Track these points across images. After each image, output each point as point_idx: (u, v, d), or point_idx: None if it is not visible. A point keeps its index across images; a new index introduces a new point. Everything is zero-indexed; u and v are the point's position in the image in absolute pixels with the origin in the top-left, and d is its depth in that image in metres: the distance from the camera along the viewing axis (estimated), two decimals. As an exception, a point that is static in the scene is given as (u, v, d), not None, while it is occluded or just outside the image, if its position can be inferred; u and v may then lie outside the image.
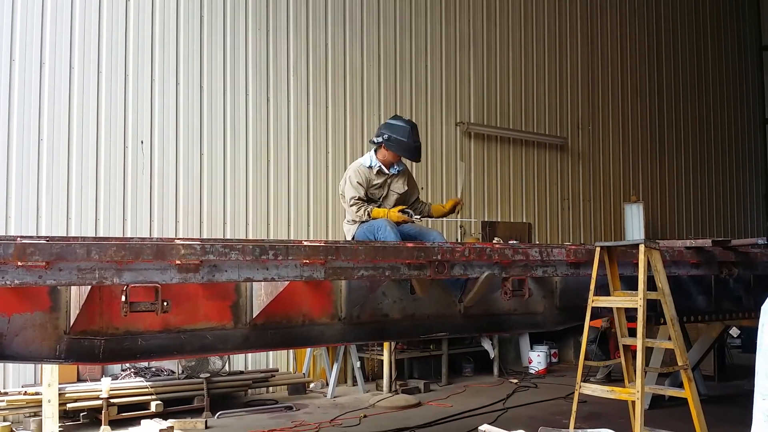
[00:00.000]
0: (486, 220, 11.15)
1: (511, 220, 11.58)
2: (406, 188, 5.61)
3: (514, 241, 10.73)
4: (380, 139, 5.51)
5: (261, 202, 8.93)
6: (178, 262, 3.36)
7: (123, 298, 3.33)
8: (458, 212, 5.61)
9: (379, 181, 5.52)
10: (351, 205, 5.38)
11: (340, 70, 9.79)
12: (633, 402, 4.40)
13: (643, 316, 4.38)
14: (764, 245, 5.89)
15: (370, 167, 5.55)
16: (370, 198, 5.55)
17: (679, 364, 4.56)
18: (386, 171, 5.52)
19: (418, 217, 5.35)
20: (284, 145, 9.20)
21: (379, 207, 5.45)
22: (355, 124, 9.88)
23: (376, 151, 5.65)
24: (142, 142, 8.16)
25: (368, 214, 5.28)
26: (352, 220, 5.49)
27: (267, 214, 8.97)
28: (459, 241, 10.69)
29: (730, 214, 16.10)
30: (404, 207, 5.41)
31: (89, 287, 3.49)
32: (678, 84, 15.02)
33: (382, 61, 10.23)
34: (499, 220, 11.37)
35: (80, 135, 7.79)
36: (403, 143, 5.47)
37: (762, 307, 2.06)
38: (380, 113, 10.09)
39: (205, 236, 8.37)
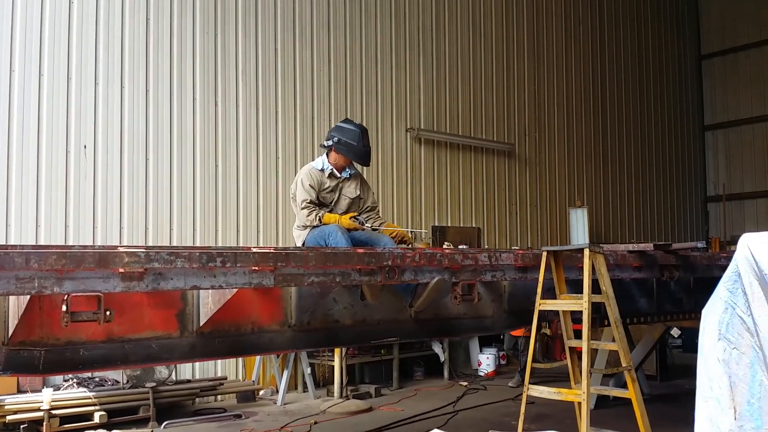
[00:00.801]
0: (436, 224, 11.24)
1: (461, 225, 11.70)
2: (358, 192, 5.59)
3: (464, 246, 10.85)
4: (330, 143, 5.49)
5: (209, 207, 8.80)
6: (121, 270, 3.27)
7: (64, 308, 3.22)
8: (408, 242, 5.60)
9: (331, 184, 5.49)
10: (302, 209, 5.33)
11: (290, 74, 9.74)
12: (579, 403, 4.48)
13: (587, 319, 4.48)
14: (703, 249, 6.09)
15: (322, 170, 5.51)
16: (321, 202, 5.51)
17: (623, 365, 4.68)
18: (338, 174, 5.50)
19: (369, 225, 5.33)
20: (233, 150, 9.09)
21: (330, 212, 5.43)
22: (306, 128, 9.84)
23: (327, 154, 5.62)
24: (85, 147, 7.95)
25: (319, 219, 5.24)
26: (303, 225, 5.44)
27: (215, 220, 8.84)
28: (409, 244, 10.74)
29: (671, 218, 16.63)
30: (355, 214, 5.39)
31: (28, 296, 3.37)
32: (621, 92, 15.45)
33: (333, 65, 10.22)
34: (449, 224, 11.47)
35: (20, 139, 7.54)
36: (353, 147, 5.46)
37: (702, 312, 2.13)
38: (330, 117, 10.06)
39: (151, 243, 8.20)
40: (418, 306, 4.67)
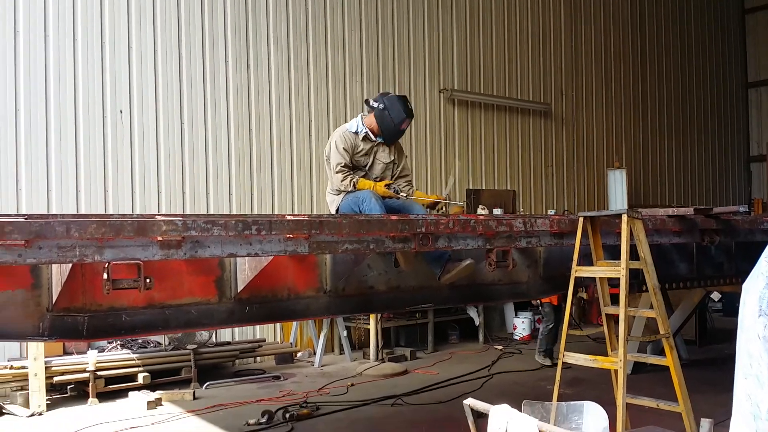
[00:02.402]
0: (470, 187, 11.15)
1: (496, 188, 11.59)
2: (393, 158, 5.52)
3: (499, 209, 10.77)
4: (376, 105, 5.34)
5: (244, 171, 8.86)
6: (159, 238, 3.32)
7: (105, 276, 3.29)
8: (439, 209, 5.52)
9: (365, 147, 5.40)
10: (336, 172, 5.25)
11: (321, 37, 9.65)
12: (616, 370, 4.45)
13: (625, 286, 4.41)
14: (745, 213, 5.93)
15: (356, 133, 5.42)
16: (355, 165, 5.45)
17: (661, 332, 4.61)
18: (373, 138, 5.42)
19: (404, 194, 5.28)
20: (266, 113, 9.10)
21: (364, 176, 5.37)
22: (338, 91, 9.78)
23: (363, 117, 5.51)
24: (121, 112, 8.03)
25: (354, 185, 5.20)
26: (336, 190, 5.39)
27: (250, 184, 8.91)
28: (448, 198, 10.71)
29: (713, 178, 16.24)
30: (390, 182, 5.32)
31: (71, 264, 3.44)
32: (661, 48, 14.98)
33: (364, 26, 10.08)
34: (483, 187, 11.37)
35: (57, 106, 7.64)
36: (390, 124, 5.30)
37: (743, 285, 2.06)
38: (363, 80, 9.99)
39: (188, 206, 8.33)
40: (445, 280, 4.66)
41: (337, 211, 5.33)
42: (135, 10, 8.16)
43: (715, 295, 8.80)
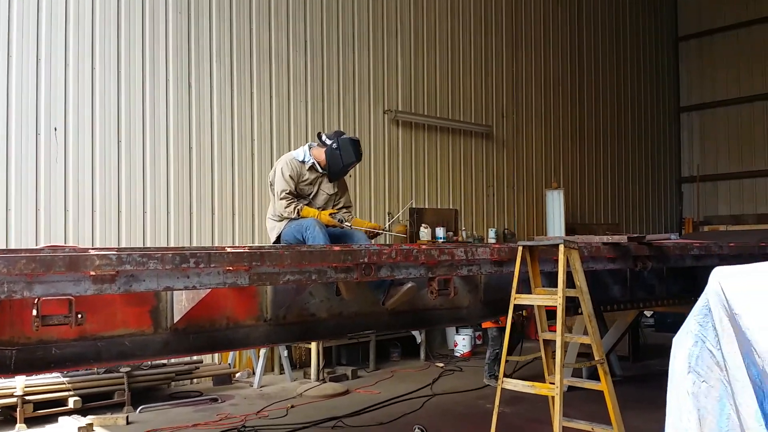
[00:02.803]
0: (413, 206, 11.24)
1: (439, 207, 11.71)
2: (336, 190, 5.52)
3: (441, 228, 10.89)
4: (329, 142, 5.32)
5: (183, 191, 8.69)
6: (92, 273, 3.22)
7: (34, 312, 3.17)
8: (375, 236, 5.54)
9: (310, 177, 5.39)
10: (281, 199, 5.24)
11: (265, 57, 9.59)
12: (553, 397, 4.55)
13: (561, 314, 4.52)
14: (676, 240, 6.16)
15: (303, 162, 5.41)
16: (299, 194, 5.44)
17: (596, 358, 4.74)
18: (319, 169, 5.42)
19: (348, 224, 5.28)
20: (207, 133, 8.96)
21: (308, 205, 5.36)
22: (282, 112, 9.73)
23: (310, 147, 5.50)
24: (55, 129, 7.78)
25: (298, 213, 5.18)
26: (278, 216, 5.37)
27: (190, 204, 8.74)
28: (387, 228, 10.75)
29: (646, 198, 16.82)
30: (334, 211, 5.33)
31: (-3, 299, 3.31)
32: (598, 74, 15.49)
33: (309, 48, 10.07)
34: (426, 206, 11.47)
35: (-13, 121, 7.36)
36: (339, 163, 5.31)
37: (674, 338, 2.15)
38: (307, 101, 9.97)
39: (123, 227, 8.14)
40: (389, 305, 4.68)
41: (278, 238, 5.30)
42: (73, 27, 7.92)
43: (648, 311, 9.10)
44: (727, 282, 2.21)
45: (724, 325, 2.04)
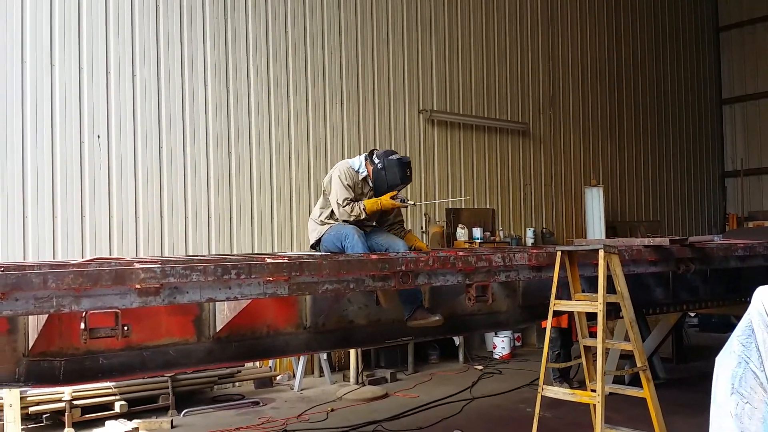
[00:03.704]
0: (450, 207, 11.20)
1: (475, 207, 11.65)
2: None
3: (478, 228, 10.81)
4: (376, 162, 5.27)
5: (223, 193, 8.82)
6: (137, 286, 3.30)
7: (82, 326, 3.26)
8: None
9: (364, 188, 5.36)
10: (344, 206, 5.17)
11: (301, 58, 9.66)
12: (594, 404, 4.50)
13: (602, 320, 4.47)
14: (720, 241, 6.03)
15: (358, 171, 5.38)
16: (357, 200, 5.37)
17: (638, 365, 4.67)
18: (371, 183, 5.39)
19: (412, 202, 5.25)
20: (245, 135, 9.08)
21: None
22: (318, 112, 9.79)
23: (366, 159, 5.45)
24: (98, 137, 7.96)
25: (363, 210, 5.12)
26: (322, 221, 5.34)
27: (229, 207, 8.87)
28: (423, 228, 10.74)
29: (688, 194, 16.46)
30: (395, 193, 5.23)
31: (47, 312, 3.41)
32: (637, 67, 15.20)
33: (344, 47, 10.12)
34: (462, 206, 11.42)
35: (34, 130, 7.56)
36: (383, 184, 5.18)
37: (716, 359, 2.11)
38: (342, 102, 10.02)
39: (165, 233, 8.29)
40: (411, 325, 4.70)
41: (318, 241, 5.30)
42: (113, 36, 8.10)
43: (691, 312, 8.92)
44: (770, 302, 2.16)
45: (767, 346, 2.00)
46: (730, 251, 6.20)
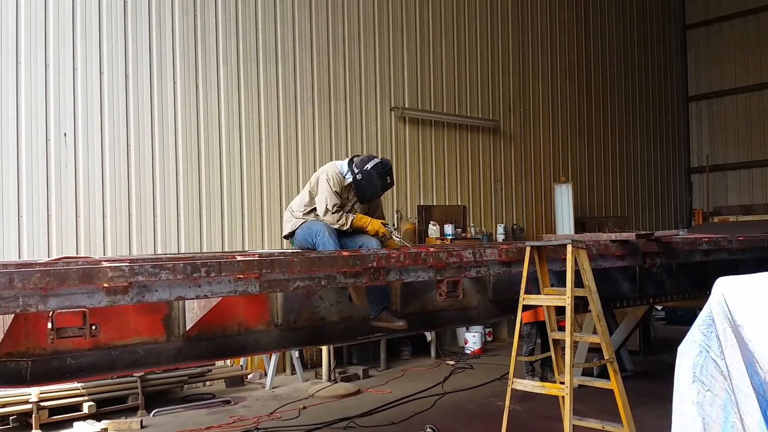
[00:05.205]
0: (421, 204, 11.25)
1: (447, 203, 11.71)
2: (368, 210, 5.47)
3: (450, 225, 10.87)
4: (356, 171, 5.20)
5: (192, 194, 8.74)
6: (106, 285, 3.27)
7: (49, 325, 3.22)
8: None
9: (349, 194, 5.34)
10: (333, 213, 5.13)
11: (272, 57, 9.61)
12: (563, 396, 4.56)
13: (570, 314, 4.53)
14: (685, 236, 6.15)
15: (345, 177, 5.35)
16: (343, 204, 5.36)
17: (606, 357, 4.75)
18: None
19: (399, 237, 5.23)
20: (215, 135, 9.01)
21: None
22: (289, 112, 9.75)
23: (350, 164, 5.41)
24: (65, 135, 7.84)
25: (351, 224, 5.10)
26: (299, 215, 5.29)
27: (199, 207, 8.80)
28: (395, 226, 10.77)
29: (655, 189, 16.75)
30: (385, 221, 5.24)
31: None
32: (605, 65, 15.42)
33: (315, 46, 10.09)
34: (434, 203, 11.48)
35: (-2, 128, 7.43)
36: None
37: (678, 348, 2.17)
38: (314, 99, 9.99)
39: (134, 231, 8.20)
40: (375, 325, 4.71)
41: (291, 233, 5.27)
42: (80, 32, 7.97)
43: (658, 305, 9.09)
44: (730, 293, 2.22)
45: (727, 335, 2.06)
46: (694, 245, 6.33)
